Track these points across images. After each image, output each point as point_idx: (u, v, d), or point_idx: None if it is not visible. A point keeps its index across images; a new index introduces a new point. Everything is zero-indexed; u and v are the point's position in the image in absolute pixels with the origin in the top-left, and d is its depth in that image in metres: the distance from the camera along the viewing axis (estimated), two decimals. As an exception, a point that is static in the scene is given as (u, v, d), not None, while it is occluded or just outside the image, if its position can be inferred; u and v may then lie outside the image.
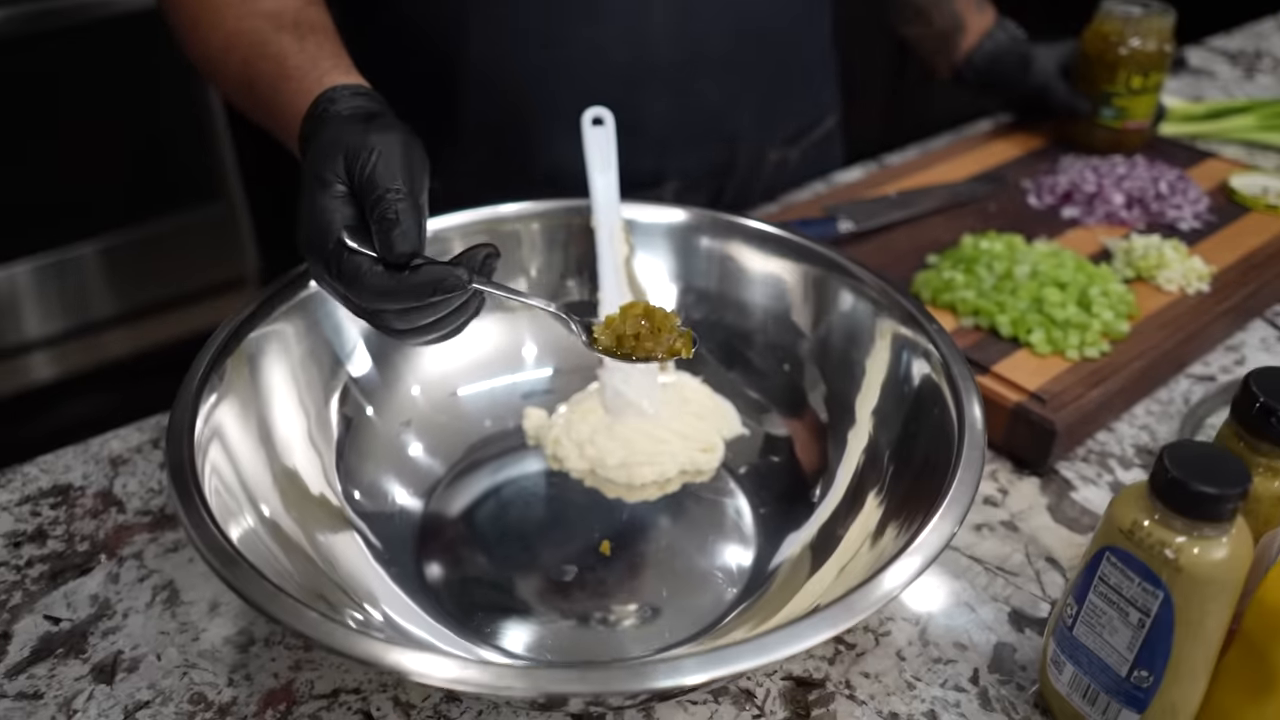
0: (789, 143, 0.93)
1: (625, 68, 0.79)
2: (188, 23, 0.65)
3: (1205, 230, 0.85)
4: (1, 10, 1.44)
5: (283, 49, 0.57)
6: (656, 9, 0.77)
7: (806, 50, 0.92)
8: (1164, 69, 0.94)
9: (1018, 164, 0.96)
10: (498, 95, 0.80)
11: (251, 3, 0.61)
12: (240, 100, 0.63)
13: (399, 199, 0.45)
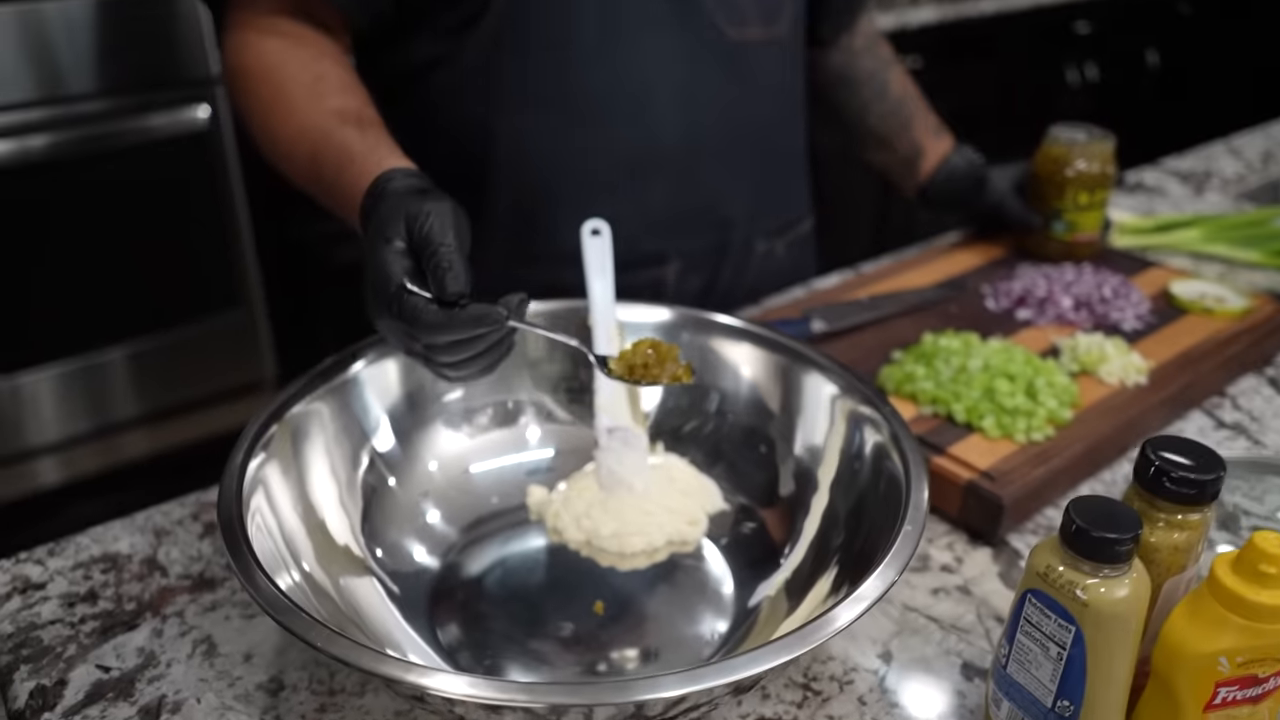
0: (775, 235, 1.04)
1: (632, 159, 0.90)
2: (262, 117, 0.78)
3: (1146, 330, 0.94)
4: (47, 135, 1.57)
5: (347, 139, 0.70)
6: (660, 108, 0.89)
7: (789, 153, 1.04)
8: (1108, 187, 1.04)
9: (978, 272, 1.05)
10: (520, 185, 0.90)
11: (320, 102, 0.74)
12: (305, 180, 0.75)
13: (450, 251, 0.56)
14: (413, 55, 0.89)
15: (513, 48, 0.85)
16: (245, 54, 0.80)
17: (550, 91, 0.87)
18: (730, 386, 0.73)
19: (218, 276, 1.81)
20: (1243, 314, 0.96)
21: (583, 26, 0.85)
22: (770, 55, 0.96)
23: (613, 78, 0.87)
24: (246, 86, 0.80)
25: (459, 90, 0.88)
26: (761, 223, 1.02)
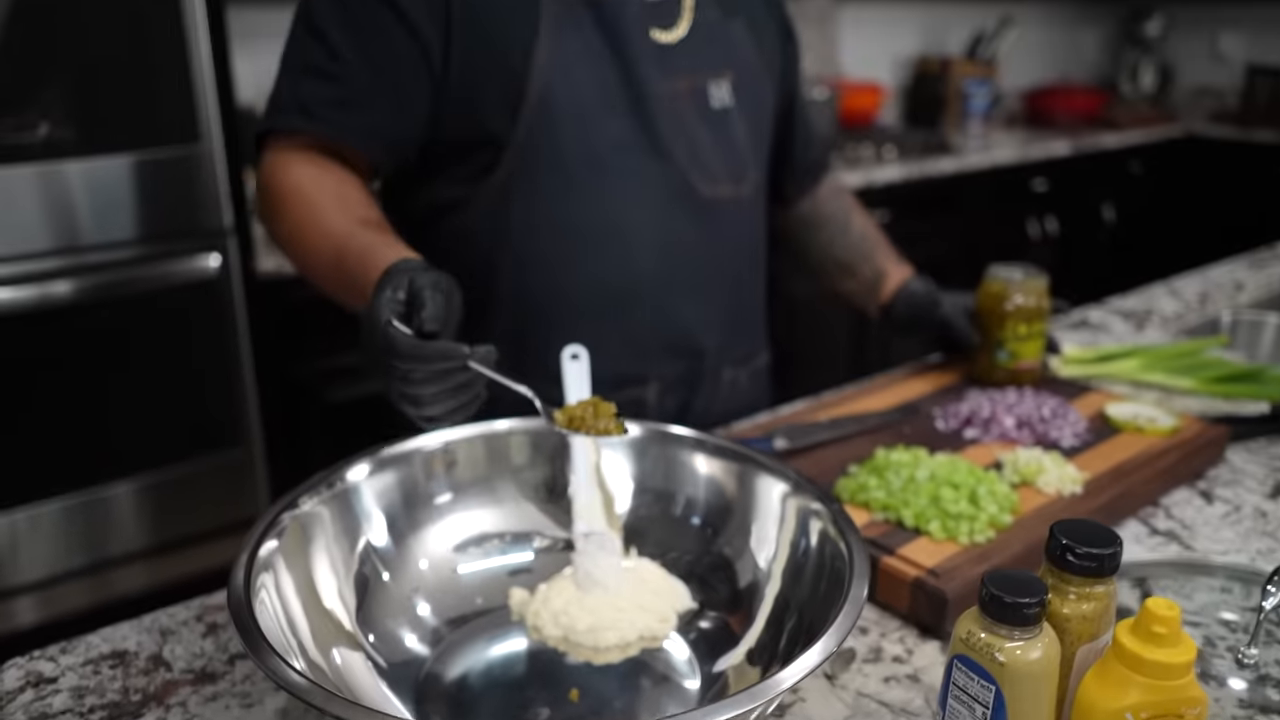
0: (740, 363, 1.14)
1: (617, 293, 1.02)
2: (292, 225, 0.91)
3: (1083, 447, 1.02)
4: (67, 281, 1.68)
5: (369, 239, 0.83)
6: (642, 250, 1.01)
7: (752, 293, 1.16)
8: (1044, 319, 1.15)
9: (930, 397, 1.14)
10: (518, 314, 1.02)
11: (346, 212, 0.88)
12: (327, 276, 0.88)
13: (433, 296, 0.68)
14: (429, 199, 1.02)
15: (518, 195, 0.98)
16: (281, 175, 0.94)
17: (549, 233, 0.99)
18: (692, 492, 0.80)
19: (219, 415, 1.88)
20: (1172, 432, 1.04)
21: (578, 179, 0.98)
22: (737, 210, 1.10)
23: (602, 223, 1.00)
24: (280, 203, 0.93)
25: (469, 231, 1.01)
26: (729, 353, 1.13)
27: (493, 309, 1.02)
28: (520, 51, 0.95)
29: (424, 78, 0.95)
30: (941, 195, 3.09)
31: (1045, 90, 3.82)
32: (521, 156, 0.97)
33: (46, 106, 1.61)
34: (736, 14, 1.10)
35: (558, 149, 0.97)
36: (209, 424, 1.88)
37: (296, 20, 0.97)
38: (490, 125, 0.96)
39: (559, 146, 0.97)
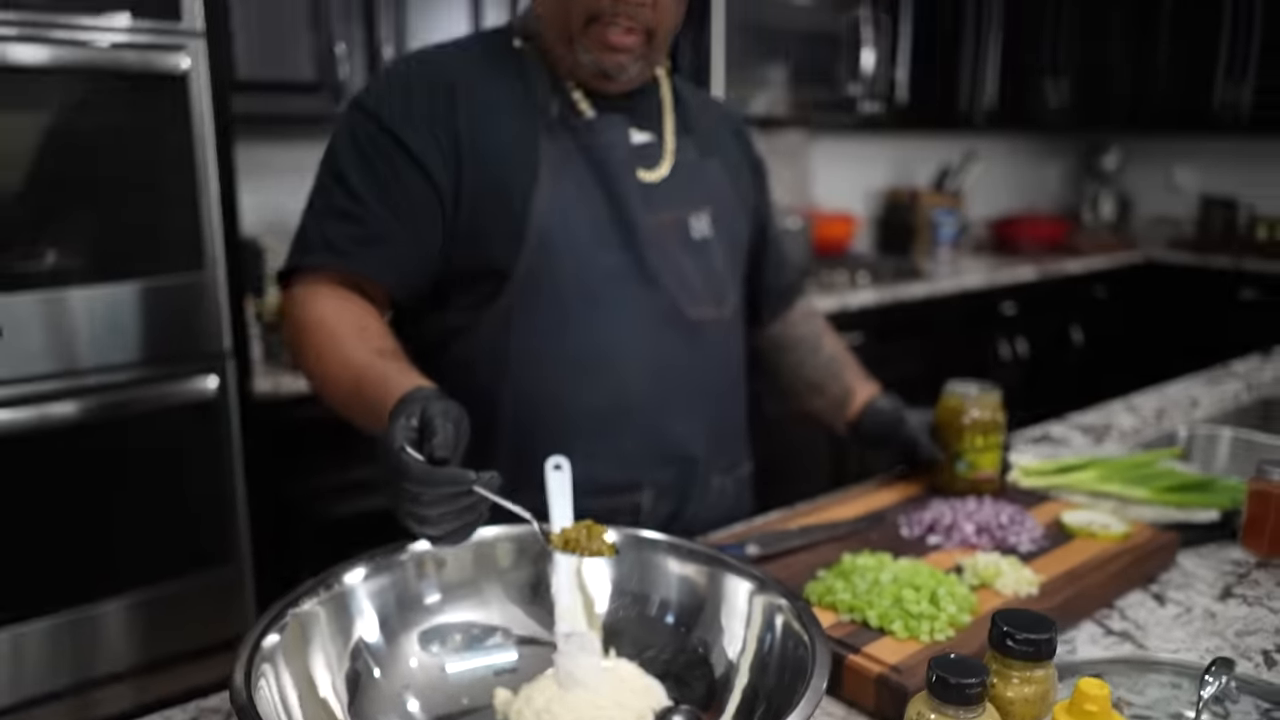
0: (726, 471, 1.21)
1: (612, 407, 1.09)
2: (315, 354, 0.99)
3: (1039, 551, 1.07)
4: (68, 403, 1.74)
5: (386, 368, 0.91)
6: (634, 368, 1.10)
7: (735, 406, 1.24)
8: (1000, 431, 1.22)
9: (896, 507, 1.20)
10: (520, 430, 1.09)
11: (365, 343, 0.96)
12: (346, 402, 0.96)
13: (444, 426, 0.75)
14: (439, 326, 1.11)
15: (519, 323, 1.07)
16: (306, 309, 1.02)
17: (548, 357, 1.08)
18: (666, 593, 0.85)
19: (211, 533, 1.91)
20: (1124, 537, 1.10)
21: (573, 305, 1.07)
22: (719, 330, 1.19)
23: (598, 347, 1.09)
24: (305, 334, 1.01)
25: (475, 355, 1.09)
26: (716, 462, 1.20)
27: (496, 427, 1.09)
28: (522, 194, 1.06)
29: (436, 216, 1.05)
30: (914, 319, 3.21)
31: (1010, 219, 4.01)
32: (523, 287, 1.06)
33: (56, 235, 1.70)
34: (713, 154, 1.22)
35: (556, 280, 1.06)
36: (200, 541, 1.91)
37: (321, 166, 1.08)
38: (495, 259, 1.06)
39: (557, 277, 1.06)
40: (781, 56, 2.98)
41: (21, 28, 1.60)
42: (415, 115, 1.06)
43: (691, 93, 1.27)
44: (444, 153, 1.05)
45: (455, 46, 1.15)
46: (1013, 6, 3.71)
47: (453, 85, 1.08)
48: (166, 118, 1.76)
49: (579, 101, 1.11)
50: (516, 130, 1.08)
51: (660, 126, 1.17)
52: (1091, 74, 4.10)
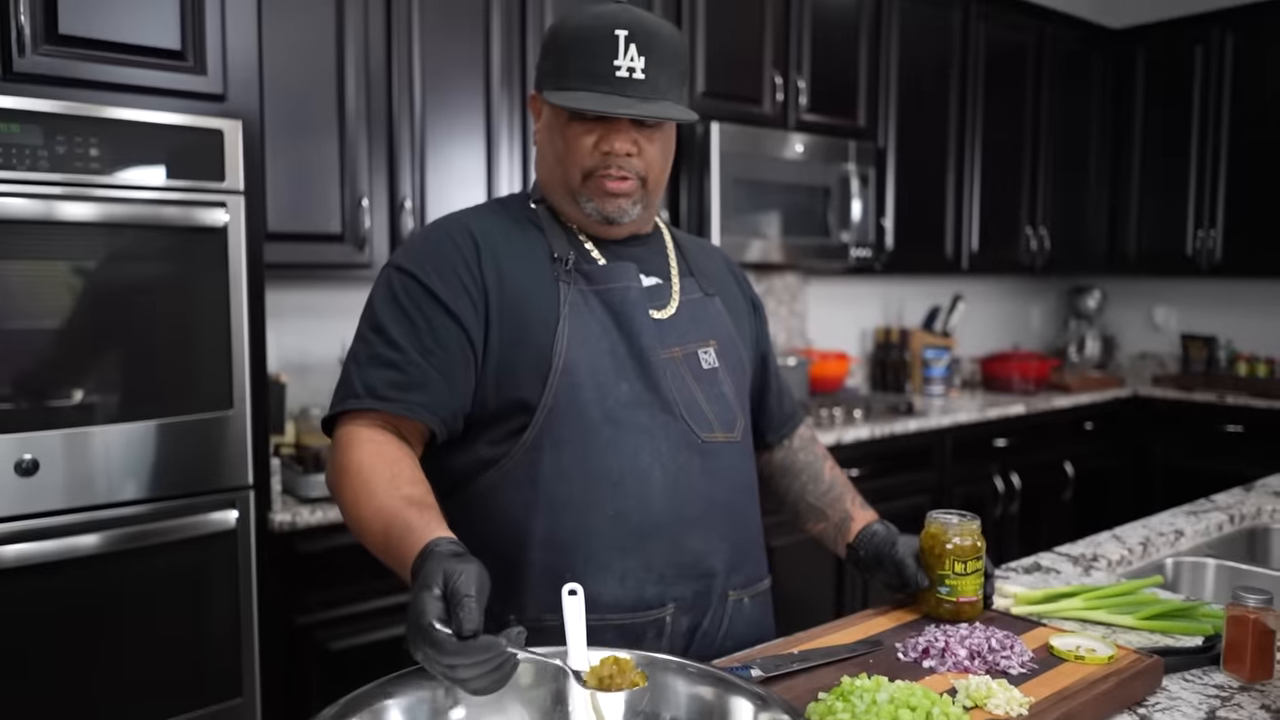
0: (743, 588, 1.28)
1: (636, 528, 1.17)
2: (351, 499, 1.07)
3: (1030, 675, 1.13)
4: (100, 533, 1.80)
5: (410, 517, 0.98)
6: (655, 490, 1.18)
7: (751, 524, 1.32)
8: (980, 557, 1.29)
9: (892, 632, 1.26)
10: (550, 552, 1.16)
11: (395, 490, 1.04)
12: (377, 546, 1.03)
13: (471, 601, 0.81)
14: (472, 458, 1.20)
15: (547, 450, 1.17)
16: (347, 454, 1.11)
17: (575, 480, 1.17)
18: (676, 712, 0.91)
19: (223, 665, 1.94)
20: (1109, 660, 1.16)
21: (597, 431, 1.17)
22: (732, 452, 1.28)
23: (619, 467, 1.18)
24: (343, 478, 1.10)
25: (506, 483, 1.18)
26: (734, 578, 1.27)
27: (527, 550, 1.17)
28: (547, 334, 1.17)
29: (470, 359, 1.17)
30: (909, 453, 3.30)
31: (998, 357, 4.15)
32: (549, 417, 1.16)
33: (95, 374, 1.80)
34: (714, 294, 1.35)
35: (580, 409, 1.17)
36: (213, 673, 1.93)
37: (361, 321, 1.20)
38: (524, 393, 1.16)
39: (581, 406, 1.17)
40: (776, 206, 3.17)
41: (73, 187, 1.75)
42: (446, 270, 1.18)
43: (691, 241, 1.42)
44: (474, 302, 1.17)
45: (478, 210, 1.30)
46: (991, 161, 3.96)
47: (478, 242, 1.21)
48: (205, 266, 1.89)
49: (592, 250, 1.25)
50: (538, 278, 1.21)
51: (667, 270, 1.31)
52: (1069, 222, 4.33)
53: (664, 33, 1.19)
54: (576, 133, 1.19)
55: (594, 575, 1.15)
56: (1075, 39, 4.27)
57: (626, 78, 1.15)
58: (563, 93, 1.17)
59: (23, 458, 1.72)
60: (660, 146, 1.22)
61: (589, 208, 1.22)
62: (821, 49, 3.32)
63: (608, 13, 1.18)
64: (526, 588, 1.18)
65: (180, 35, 1.85)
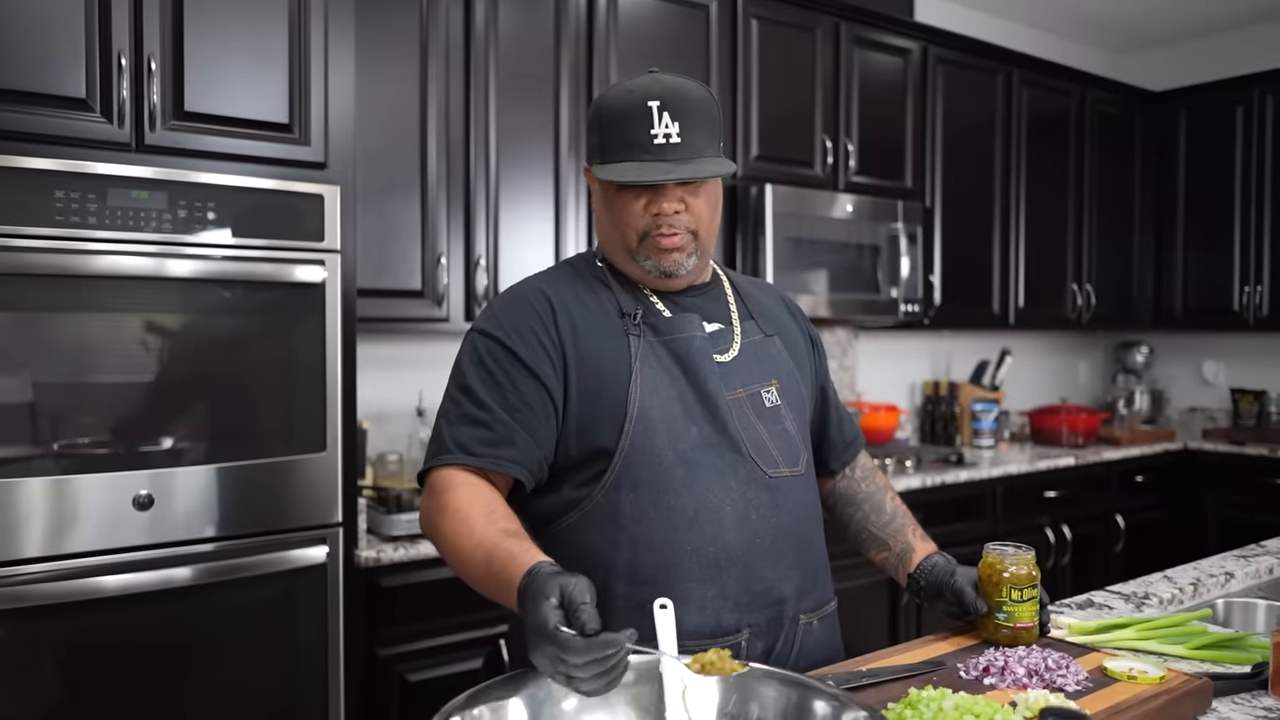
0: (812, 611, 1.37)
1: (712, 559, 1.27)
2: (451, 536, 1.18)
3: (1085, 692, 1.21)
4: (202, 564, 1.93)
5: (511, 546, 1.09)
6: (727, 523, 1.28)
7: (817, 551, 1.41)
8: (1035, 586, 1.37)
9: (954, 654, 1.35)
10: (634, 582, 1.27)
11: (492, 525, 1.15)
12: (476, 575, 1.14)
13: (588, 605, 0.93)
14: (557, 501, 1.32)
15: (627, 490, 1.28)
16: (444, 496, 1.23)
17: (654, 516, 1.27)
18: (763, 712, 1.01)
19: (308, 696, 2.06)
20: (1159, 680, 1.24)
21: (671, 475, 1.28)
22: (797, 485, 1.38)
23: (694, 503, 1.28)
24: (442, 517, 1.21)
25: (591, 522, 1.29)
26: (804, 602, 1.36)
27: (612, 581, 1.27)
28: (621, 384, 1.29)
29: (551, 414, 1.28)
30: (959, 502, 3.36)
31: (1047, 410, 4.20)
32: (626, 460, 1.27)
33: (203, 419, 1.96)
34: (774, 334, 1.45)
35: (655, 453, 1.27)
36: (299, 700, 2.05)
37: (450, 381, 1.32)
38: (602, 440, 1.28)
39: (656, 449, 1.28)
40: (827, 264, 3.29)
41: (191, 247, 1.92)
42: (526, 332, 1.30)
43: (749, 282, 1.53)
44: (553, 360, 1.29)
45: (550, 274, 1.41)
46: (1036, 220, 4.07)
47: (553, 304, 1.33)
48: (303, 319, 2.05)
49: (657, 304, 1.37)
50: (610, 334, 1.32)
51: (728, 316, 1.42)
52: (1114, 279, 4.40)
53: (694, 95, 1.28)
54: (627, 199, 1.29)
55: (675, 605, 1.23)
56: (1116, 102, 4.39)
57: (664, 144, 1.24)
58: (608, 165, 1.27)
59: (140, 493, 1.87)
60: (706, 200, 1.31)
61: (647, 265, 1.32)
62: (869, 114, 3.47)
63: (639, 86, 1.28)
64: (612, 617, 1.26)
65: (288, 110, 2.04)
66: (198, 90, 1.93)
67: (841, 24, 3.38)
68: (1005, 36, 4.33)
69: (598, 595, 1.26)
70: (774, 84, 3.20)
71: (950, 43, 3.73)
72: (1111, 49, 4.95)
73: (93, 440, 1.85)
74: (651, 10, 2.91)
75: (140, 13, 1.86)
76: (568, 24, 2.73)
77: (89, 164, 1.81)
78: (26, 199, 1.75)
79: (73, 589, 1.81)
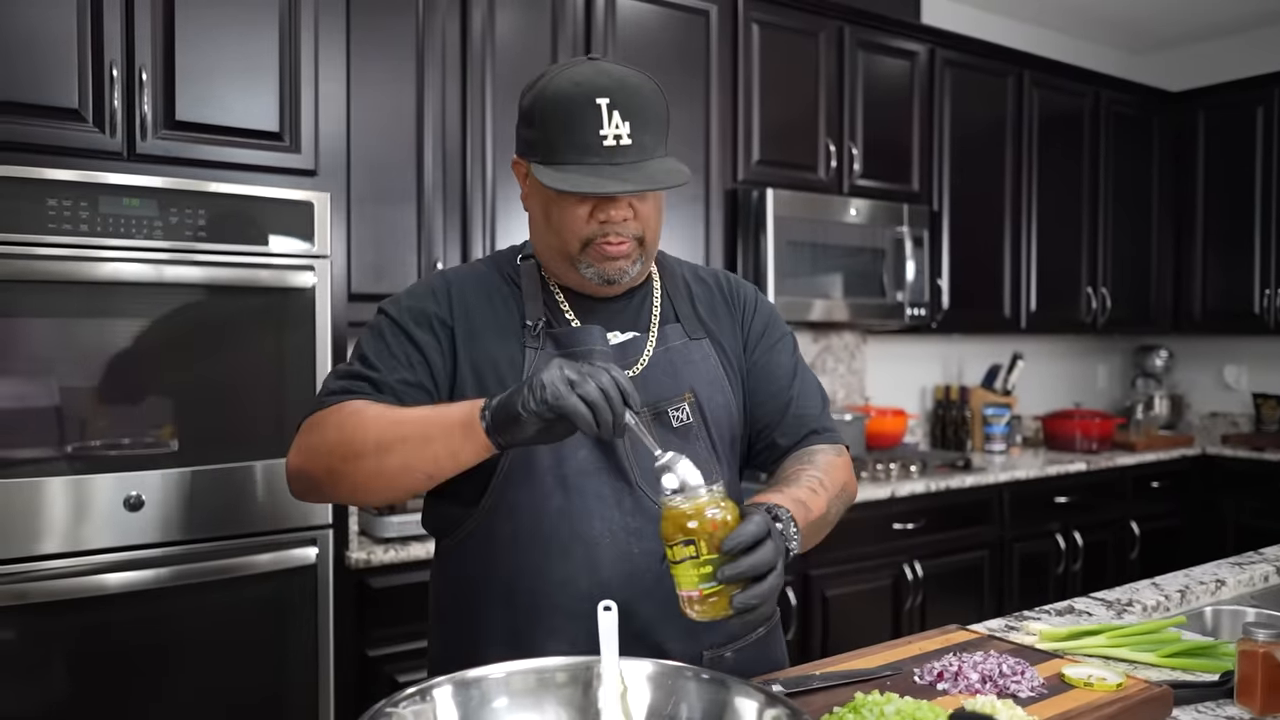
0: (723, 645, 1.29)
1: (586, 593, 1.19)
2: (335, 438, 1.15)
3: (1038, 698, 1.20)
4: (193, 564, 1.97)
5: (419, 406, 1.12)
6: (605, 557, 1.22)
7: None
8: (692, 543, 1.02)
9: (914, 659, 1.34)
10: (513, 610, 1.24)
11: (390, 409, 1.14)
12: (391, 459, 1.11)
13: None
14: (443, 517, 1.29)
15: (502, 515, 1.23)
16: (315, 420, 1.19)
17: (525, 545, 1.22)
18: (691, 713, 1.02)
19: (298, 698, 2.09)
20: (1117, 688, 1.23)
21: (549, 498, 1.22)
22: None
23: (568, 536, 1.22)
24: (317, 433, 1.17)
25: (468, 544, 1.26)
26: (703, 640, 1.26)
27: (488, 608, 1.25)
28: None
29: (433, 396, 1.23)
30: (965, 508, 3.33)
31: (1060, 415, 4.15)
32: (504, 483, 1.22)
33: (192, 420, 2.00)
34: (701, 337, 1.34)
35: (536, 476, 1.22)
36: (290, 698, 2.08)
37: (354, 347, 1.29)
38: None
39: (537, 474, 1.22)
40: (831, 268, 3.28)
41: (181, 253, 1.96)
42: (420, 316, 1.25)
43: (692, 273, 1.41)
44: (442, 350, 1.24)
45: (465, 269, 1.35)
46: (1049, 222, 4.02)
47: (452, 300, 1.27)
48: (294, 323, 2.08)
49: (567, 311, 1.29)
50: (506, 343, 1.26)
51: (647, 323, 1.32)
52: (1131, 282, 4.35)
53: (644, 90, 1.19)
54: (570, 204, 1.20)
55: (545, 638, 1.19)
56: (1133, 103, 4.33)
57: (614, 145, 1.15)
58: (553, 169, 1.17)
59: (130, 494, 1.91)
60: (653, 204, 1.24)
61: (589, 273, 1.24)
62: (874, 117, 3.46)
63: (585, 78, 1.17)
64: (488, 645, 1.23)
65: (279, 119, 2.08)
66: (189, 99, 1.97)
67: (846, 28, 3.37)
68: (1017, 38, 4.29)
69: (474, 622, 1.25)
70: (776, 88, 3.20)
71: (959, 45, 3.71)
72: (1128, 49, 4.89)
73: (82, 442, 1.89)
74: (650, 16, 2.92)
75: (132, 24, 1.91)
76: (565, 31, 2.75)
77: (81, 173, 1.86)
78: (20, 207, 1.80)
79: (63, 588, 1.85)
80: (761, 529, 1.02)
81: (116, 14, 1.89)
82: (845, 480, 1.35)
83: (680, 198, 2.98)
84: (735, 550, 1.00)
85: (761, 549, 1.01)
